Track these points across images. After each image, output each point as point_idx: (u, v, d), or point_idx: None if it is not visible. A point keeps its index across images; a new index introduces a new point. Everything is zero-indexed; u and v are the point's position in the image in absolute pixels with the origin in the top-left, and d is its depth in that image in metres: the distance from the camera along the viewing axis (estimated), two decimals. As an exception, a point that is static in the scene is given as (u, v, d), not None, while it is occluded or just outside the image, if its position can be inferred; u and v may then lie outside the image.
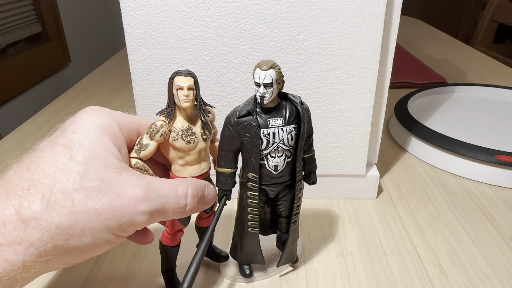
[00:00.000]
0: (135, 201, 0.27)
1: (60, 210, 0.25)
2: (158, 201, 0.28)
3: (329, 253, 0.42)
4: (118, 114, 0.31)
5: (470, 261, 0.41)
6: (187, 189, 0.30)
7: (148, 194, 0.28)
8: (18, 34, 1.44)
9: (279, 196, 0.36)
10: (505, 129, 0.65)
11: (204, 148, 0.32)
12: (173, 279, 0.37)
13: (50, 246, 0.25)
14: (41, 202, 0.25)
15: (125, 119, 0.32)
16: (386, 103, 0.48)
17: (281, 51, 0.43)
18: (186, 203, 0.30)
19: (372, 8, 0.41)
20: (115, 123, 0.30)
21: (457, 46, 1.22)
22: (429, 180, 0.55)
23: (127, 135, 0.31)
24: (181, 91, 0.29)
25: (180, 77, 0.29)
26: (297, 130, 0.33)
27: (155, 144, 0.31)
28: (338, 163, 0.48)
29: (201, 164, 0.33)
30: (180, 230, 0.35)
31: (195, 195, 0.31)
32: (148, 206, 0.27)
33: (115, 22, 2.05)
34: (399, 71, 0.91)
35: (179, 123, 0.31)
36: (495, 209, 0.49)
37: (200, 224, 0.38)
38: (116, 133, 0.30)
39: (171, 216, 0.30)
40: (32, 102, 1.50)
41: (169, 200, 0.29)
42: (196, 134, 0.31)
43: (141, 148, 0.31)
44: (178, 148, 0.31)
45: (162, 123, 0.30)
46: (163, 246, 0.35)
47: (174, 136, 0.31)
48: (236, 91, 0.44)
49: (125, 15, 0.41)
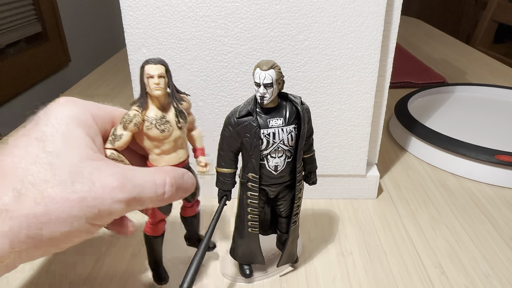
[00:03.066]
0: (111, 190, 0.27)
1: (32, 200, 0.25)
2: (134, 190, 0.28)
3: (329, 253, 0.42)
4: (91, 105, 0.31)
5: (470, 261, 0.41)
6: (164, 178, 0.30)
7: (124, 183, 0.27)
8: (18, 34, 1.45)
9: (279, 196, 0.36)
10: (505, 129, 0.65)
11: (180, 137, 0.32)
12: (161, 273, 0.36)
13: (22, 236, 0.25)
14: (12, 194, 0.25)
15: (98, 109, 0.31)
16: (386, 103, 0.48)
17: (281, 51, 0.43)
18: (164, 191, 0.30)
19: (372, 8, 0.41)
20: (88, 114, 0.30)
21: (457, 46, 1.22)
22: (429, 180, 0.55)
23: (101, 125, 0.31)
24: (151, 80, 0.29)
25: (150, 65, 0.29)
26: (297, 130, 0.33)
27: (129, 134, 0.30)
28: (338, 163, 0.48)
29: (178, 153, 0.32)
30: (162, 220, 0.35)
31: (173, 184, 0.30)
32: (123, 195, 0.27)
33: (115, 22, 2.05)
34: (399, 71, 0.91)
35: (152, 112, 0.30)
36: (495, 209, 0.49)
37: (185, 214, 0.38)
38: (89, 123, 0.30)
39: (150, 204, 0.30)
40: (32, 102, 1.50)
41: (145, 189, 0.29)
42: (171, 122, 0.31)
43: (115, 138, 0.30)
44: (153, 137, 0.31)
45: (135, 112, 0.30)
46: (146, 236, 0.35)
47: (148, 125, 0.30)
48: (236, 91, 0.44)
49: (125, 15, 0.41)
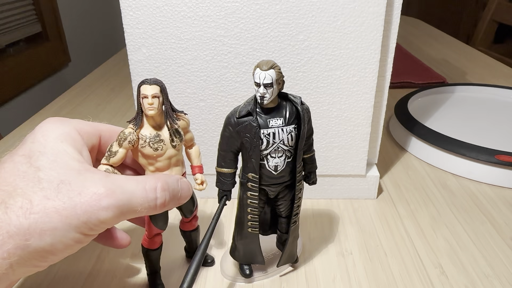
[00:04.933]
0: (97, 197, 0.27)
1: (19, 211, 0.26)
2: (123, 196, 0.28)
3: (329, 253, 0.42)
4: (76, 121, 0.33)
5: (470, 261, 0.41)
6: (155, 183, 0.30)
7: (112, 190, 0.28)
8: (18, 34, 1.44)
9: (279, 196, 0.36)
10: (505, 129, 0.65)
11: (175, 155, 0.33)
12: (156, 280, 0.37)
13: (11, 247, 0.25)
14: (0, 207, 0.26)
15: (84, 124, 0.33)
16: (386, 103, 0.48)
17: (281, 51, 0.43)
18: (156, 196, 0.30)
19: (372, 8, 0.41)
20: (73, 129, 0.31)
21: (457, 46, 1.22)
22: (429, 180, 0.55)
23: (87, 139, 0.32)
24: (145, 100, 0.30)
25: (145, 86, 0.30)
26: (297, 130, 0.33)
27: (123, 151, 0.32)
28: (338, 163, 0.48)
29: (172, 170, 0.33)
30: (158, 234, 0.35)
31: (165, 188, 0.30)
32: (111, 201, 0.27)
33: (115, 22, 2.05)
34: (399, 71, 0.91)
35: (147, 130, 0.31)
36: (495, 209, 0.49)
37: (183, 228, 0.39)
38: (75, 137, 0.31)
39: (143, 212, 0.30)
40: (32, 102, 1.49)
41: (136, 195, 0.29)
42: (165, 141, 0.32)
43: (111, 155, 0.32)
44: (147, 155, 0.32)
45: (130, 130, 0.31)
46: (144, 249, 0.36)
47: (142, 143, 0.31)
48: (236, 91, 0.44)
49: (125, 15, 0.41)
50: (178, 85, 0.44)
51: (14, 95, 1.41)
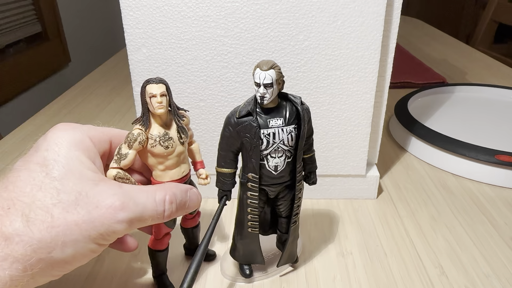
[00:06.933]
0: (113, 211, 0.28)
1: (41, 225, 0.26)
2: (136, 209, 0.29)
3: (329, 253, 0.42)
4: (88, 128, 0.33)
5: (470, 261, 0.41)
6: (164, 195, 0.31)
7: (126, 203, 0.28)
8: (18, 34, 1.44)
9: (279, 196, 0.36)
10: (505, 129, 0.65)
11: (183, 151, 0.33)
12: (165, 282, 0.37)
13: (34, 260, 0.26)
14: (21, 219, 0.26)
15: (96, 131, 0.33)
16: (386, 103, 0.48)
17: (281, 51, 0.43)
18: (164, 208, 0.31)
19: (372, 8, 0.41)
20: (86, 137, 0.31)
21: (457, 46, 1.22)
22: (429, 180, 0.55)
23: (99, 146, 0.32)
24: (154, 99, 0.30)
25: (152, 85, 0.30)
26: (297, 131, 0.33)
27: (134, 153, 0.31)
28: (338, 163, 0.48)
29: (181, 167, 0.33)
30: (167, 234, 0.36)
31: (173, 201, 0.31)
32: (126, 214, 0.28)
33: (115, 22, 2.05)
34: (399, 71, 0.91)
35: (155, 129, 0.31)
36: (495, 209, 0.49)
37: (185, 225, 0.39)
38: (88, 146, 0.31)
39: (151, 222, 0.31)
40: (32, 102, 1.49)
41: (147, 207, 0.30)
42: (173, 138, 0.32)
43: (121, 158, 0.31)
44: (157, 154, 0.32)
45: (139, 131, 0.31)
46: (151, 251, 0.36)
47: (152, 142, 0.31)
48: (236, 91, 0.44)
49: (125, 15, 0.41)
50: (178, 85, 0.44)
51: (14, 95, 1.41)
